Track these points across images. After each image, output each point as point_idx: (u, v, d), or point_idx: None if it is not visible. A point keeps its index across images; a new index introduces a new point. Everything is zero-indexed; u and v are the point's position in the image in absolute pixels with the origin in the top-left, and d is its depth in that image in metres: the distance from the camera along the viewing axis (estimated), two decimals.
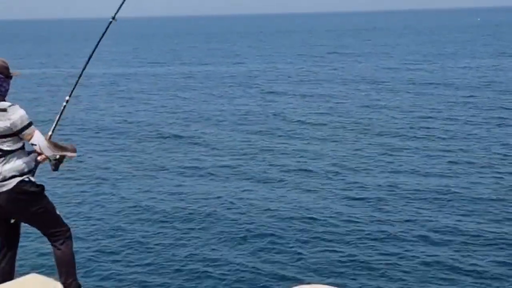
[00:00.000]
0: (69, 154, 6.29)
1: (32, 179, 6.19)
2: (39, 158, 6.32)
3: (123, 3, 7.61)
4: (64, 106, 6.80)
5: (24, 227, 6.33)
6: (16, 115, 5.98)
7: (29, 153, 6.28)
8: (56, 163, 6.30)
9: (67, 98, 6.78)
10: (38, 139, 6.11)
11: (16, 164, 6.05)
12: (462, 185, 18.23)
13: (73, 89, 6.93)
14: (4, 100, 6.08)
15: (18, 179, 6.03)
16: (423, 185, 18.29)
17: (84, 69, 6.96)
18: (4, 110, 5.96)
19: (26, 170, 6.11)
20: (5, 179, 5.98)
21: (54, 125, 6.74)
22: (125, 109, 34.21)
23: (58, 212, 6.37)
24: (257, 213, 16.22)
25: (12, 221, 6.25)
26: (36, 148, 6.13)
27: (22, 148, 6.14)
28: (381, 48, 77.02)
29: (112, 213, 16.58)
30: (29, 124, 6.05)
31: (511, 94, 35.24)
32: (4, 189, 5.99)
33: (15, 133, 6.01)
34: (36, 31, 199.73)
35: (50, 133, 6.53)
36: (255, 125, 28.21)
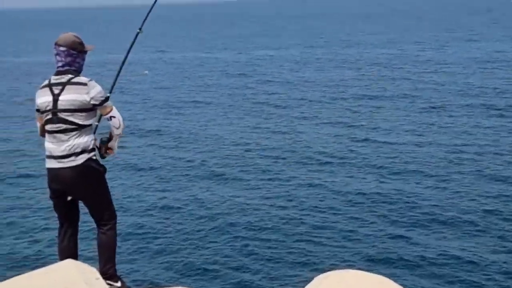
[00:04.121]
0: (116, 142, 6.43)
1: (98, 158, 6.23)
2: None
3: (148, 15, 7.68)
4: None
5: None
6: (96, 89, 6.05)
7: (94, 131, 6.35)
8: (105, 149, 6.35)
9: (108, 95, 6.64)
10: (116, 112, 6.23)
11: (86, 139, 6.06)
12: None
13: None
14: (79, 75, 6.14)
15: (87, 155, 6.06)
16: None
17: (118, 74, 7.09)
18: (85, 84, 6.02)
19: (92, 147, 6.14)
20: (74, 154, 5.99)
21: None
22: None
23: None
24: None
25: (69, 198, 6.22)
26: (114, 121, 6.23)
27: (91, 125, 6.16)
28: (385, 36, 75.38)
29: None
30: (107, 98, 6.16)
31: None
32: (72, 164, 5.99)
33: (92, 108, 6.06)
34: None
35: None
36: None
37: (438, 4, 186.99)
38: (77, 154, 5.99)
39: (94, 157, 6.14)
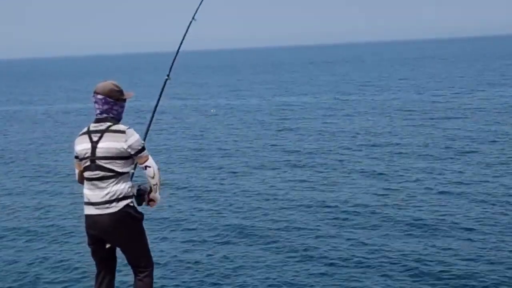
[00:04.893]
0: (158, 192, 6.44)
1: (136, 204, 6.26)
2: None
3: (174, 61, 7.99)
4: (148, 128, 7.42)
5: None
6: (134, 137, 6.18)
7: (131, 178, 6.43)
8: (144, 197, 6.35)
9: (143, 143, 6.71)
10: (152, 162, 6.32)
11: (123, 186, 6.12)
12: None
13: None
14: (118, 123, 6.24)
15: (124, 202, 6.11)
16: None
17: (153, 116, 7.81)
18: (123, 132, 6.12)
19: (130, 194, 6.19)
20: (112, 201, 6.03)
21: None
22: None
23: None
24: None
25: (108, 246, 6.26)
26: (149, 171, 6.30)
27: (128, 172, 6.24)
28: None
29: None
30: (144, 148, 6.25)
31: None
32: (110, 210, 6.04)
33: (130, 156, 6.15)
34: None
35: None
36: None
37: (472, 50, 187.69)
38: (115, 201, 6.03)
39: (132, 204, 6.17)
